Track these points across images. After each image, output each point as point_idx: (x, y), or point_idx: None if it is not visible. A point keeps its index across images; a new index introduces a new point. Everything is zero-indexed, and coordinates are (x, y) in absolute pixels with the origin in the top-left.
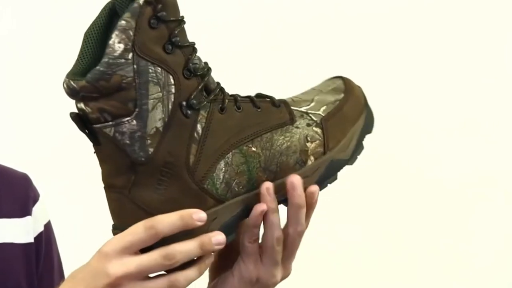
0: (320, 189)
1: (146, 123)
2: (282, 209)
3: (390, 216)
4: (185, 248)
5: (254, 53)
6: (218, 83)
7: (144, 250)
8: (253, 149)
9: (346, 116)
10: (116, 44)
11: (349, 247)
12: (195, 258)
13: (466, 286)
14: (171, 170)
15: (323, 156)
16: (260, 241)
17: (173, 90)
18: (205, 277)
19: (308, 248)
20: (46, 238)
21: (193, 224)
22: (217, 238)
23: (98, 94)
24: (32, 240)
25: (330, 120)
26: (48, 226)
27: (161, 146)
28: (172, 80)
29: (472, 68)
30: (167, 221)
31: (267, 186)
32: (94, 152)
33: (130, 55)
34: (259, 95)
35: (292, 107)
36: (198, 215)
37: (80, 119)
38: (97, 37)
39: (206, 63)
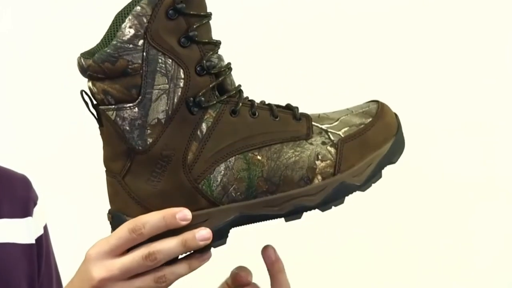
0: (323, 211)
1: (148, 113)
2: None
3: (391, 215)
4: (167, 246)
5: (255, 54)
6: (238, 86)
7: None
8: (258, 157)
9: (367, 141)
10: (127, 28)
11: (349, 246)
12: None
13: (466, 286)
14: (167, 164)
15: (332, 177)
16: None
17: (181, 84)
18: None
19: (308, 247)
20: (45, 241)
21: (176, 224)
22: (201, 233)
23: (103, 75)
24: (33, 242)
25: (348, 142)
26: (46, 229)
27: (160, 138)
28: (182, 74)
29: (474, 69)
30: (150, 223)
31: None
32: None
33: (141, 42)
34: (288, 107)
35: (313, 123)
36: (181, 214)
37: (88, 98)
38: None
39: (227, 64)
